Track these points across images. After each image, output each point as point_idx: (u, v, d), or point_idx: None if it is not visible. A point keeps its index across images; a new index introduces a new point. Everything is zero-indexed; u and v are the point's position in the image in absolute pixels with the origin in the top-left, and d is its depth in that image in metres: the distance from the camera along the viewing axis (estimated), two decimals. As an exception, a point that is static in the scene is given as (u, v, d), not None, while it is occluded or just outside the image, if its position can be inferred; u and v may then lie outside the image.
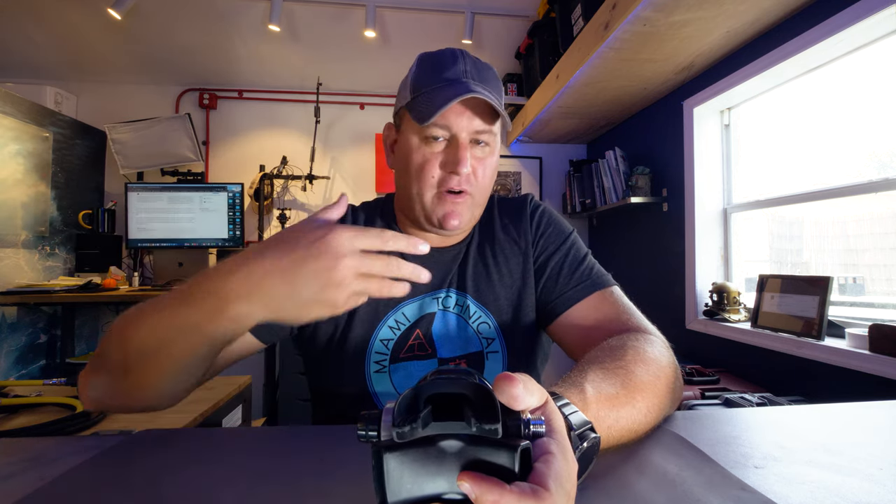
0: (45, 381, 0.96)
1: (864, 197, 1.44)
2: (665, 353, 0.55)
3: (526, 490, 0.25)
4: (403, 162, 0.69)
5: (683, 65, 1.87)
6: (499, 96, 0.68)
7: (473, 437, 0.26)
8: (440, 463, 0.26)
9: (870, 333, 1.25)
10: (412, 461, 0.26)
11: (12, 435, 0.65)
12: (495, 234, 0.76)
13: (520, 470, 0.26)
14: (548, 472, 0.26)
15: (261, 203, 2.73)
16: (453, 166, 0.64)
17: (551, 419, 0.31)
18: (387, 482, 0.26)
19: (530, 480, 0.25)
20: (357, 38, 2.54)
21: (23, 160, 2.13)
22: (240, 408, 1.16)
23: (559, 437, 0.29)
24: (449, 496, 0.26)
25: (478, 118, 0.64)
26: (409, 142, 0.67)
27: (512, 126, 2.99)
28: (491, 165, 0.69)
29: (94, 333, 2.68)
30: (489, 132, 0.66)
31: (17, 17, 2.36)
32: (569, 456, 0.29)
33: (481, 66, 0.68)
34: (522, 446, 0.26)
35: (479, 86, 0.63)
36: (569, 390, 0.42)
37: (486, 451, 0.26)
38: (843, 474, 0.40)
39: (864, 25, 1.30)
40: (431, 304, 0.71)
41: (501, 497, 0.24)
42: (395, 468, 0.26)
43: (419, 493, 0.26)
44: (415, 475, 0.26)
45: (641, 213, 2.44)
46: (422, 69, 0.68)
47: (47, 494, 0.37)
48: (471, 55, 0.69)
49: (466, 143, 0.65)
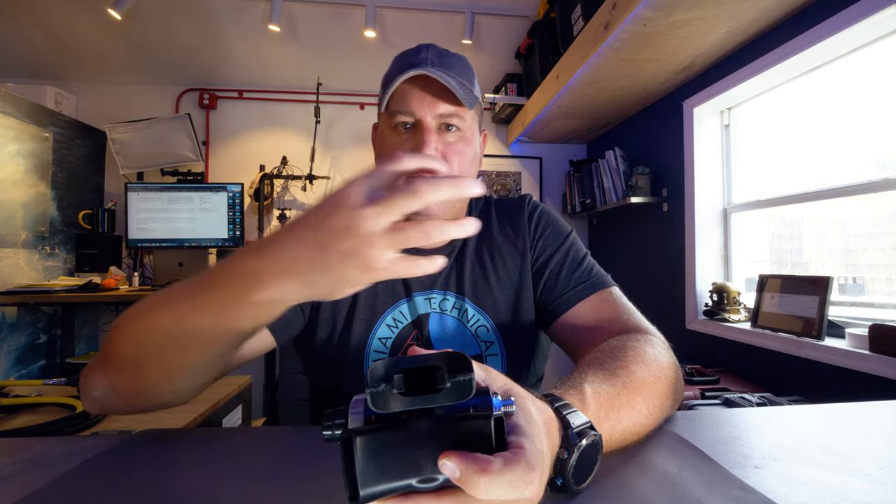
0: (45, 381, 0.96)
1: (864, 197, 1.44)
2: (666, 354, 0.55)
3: (508, 456, 0.25)
4: (378, 153, 0.72)
5: (683, 65, 1.87)
6: (468, 82, 0.67)
7: (445, 417, 0.25)
8: (412, 447, 0.25)
9: (870, 333, 1.25)
10: (383, 447, 0.24)
11: (12, 435, 0.65)
12: (493, 235, 0.76)
13: (496, 441, 0.25)
14: (523, 440, 0.26)
15: (261, 203, 2.73)
16: (419, 149, 0.64)
17: (517, 400, 0.31)
18: (358, 472, 0.24)
19: (509, 449, 0.26)
20: (357, 38, 2.54)
21: (23, 160, 2.13)
22: (240, 408, 1.16)
23: (525, 414, 0.30)
24: (421, 484, 0.24)
25: (442, 102, 0.64)
26: (382, 133, 0.69)
27: (512, 126, 2.99)
28: (466, 153, 0.68)
29: (94, 333, 2.68)
30: (457, 116, 0.65)
31: (17, 17, 2.36)
32: (538, 430, 0.29)
33: (447, 55, 0.68)
34: (496, 415, 0.26)
35: (437, 69, 0.64)
36: (568, 392, 0.42)
37: (461, 426, 0.25)
38: (843, 474, 0.40)
39: (864, 25, 1.30)
40: (424, 305, 0.71)
41: (487, 465, 0.24)
42: (366, 454, 0.24)
43: (392, 483, 0.24)
44: (387, 463, 0.24)
45: (641, 213, 2.44)
46: (392, 64, 0.70)
47: (47, 494, 0.37)
48: (442, 49, 0.69)
49: (432, 127, 0.65)
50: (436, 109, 0.64)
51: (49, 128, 2.30)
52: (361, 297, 0.70)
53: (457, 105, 0.65)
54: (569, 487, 0.34)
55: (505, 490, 0.24)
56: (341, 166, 2.98)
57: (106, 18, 2.28)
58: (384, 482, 0.24)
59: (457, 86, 0.64)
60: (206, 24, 2.50)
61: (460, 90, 0.64)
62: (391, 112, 0.66)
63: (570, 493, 0.35)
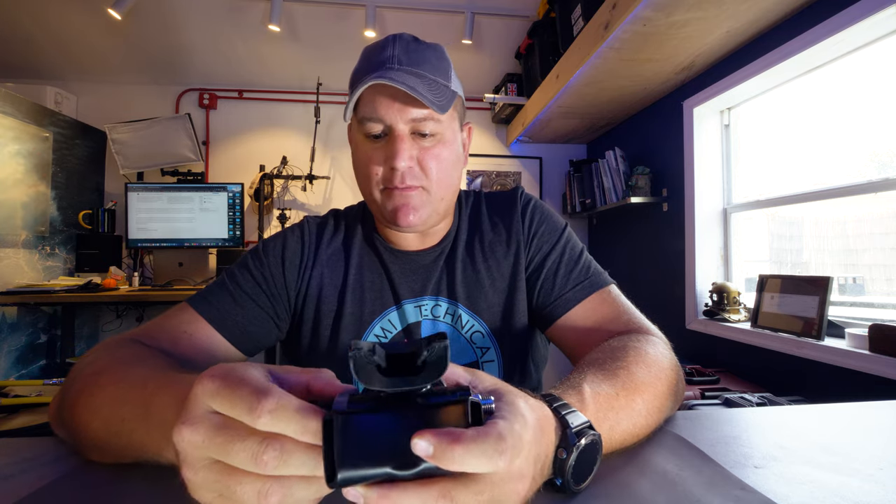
0: (45, 381, 0.96)
1: (864, 197, 1.44)
2: (666, 354, 0.55)
3: (480, 429, 0.25)
4: (354, 162, 0.67)
5: (683, 65, 1.87)
6: (442, 76, 0.62)
7: (423, 405, 0.25)
8: (391, 432, 0.25)
9: (870, 333, 1.25)
10: (362, 430, 0.24)
11: (12, 435, 0.65)
12: (484, 233, 0.73)
13: (472, 424, 0.26)
14: (498, 420, 0.26)
15: (261, 203, 2.73)
16: (391, 161, 0.60)
17: (505, 396, 0.30)
18: (336, 453, 0.24)
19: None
20: (357, 38, 2.54)
21: (23, 160, 2.13)
22: (240, 408, 1.15)
23: (510, 407, 0.29)
24: (399, 471, 0.24)
25: (412, 107, 0.59)
26: (355, 140, 0.65)
27: (512, 126, 2.99)
28: (444, 157, 0.63)
29: (94, 333, 2.68)
30: (431, 119, 0.60)
31: (17, 17, 2.36)
32: (520, 419, 0.28)
33: (416, 49, 0.62)
34: (472, 399, 0.26)
35: (402, 71, 0.59)
36: (567, 392, 0.42)
37: (438, 411, 0.25)
38: (843, 474, 0.40)
39: (864, 25, 1.30)
40: (415, 313, 0.68)
41: (460, 436, 0.24)
42: (345, 435, 0.24)
43: (370, 469, 0.24)
44: (365, 447, 0.24)
45: (641, 213, 2.44)
46: (359, 60, 0.65)
47: (47, 494, 0.37)
48: (411, 39, 0.63)
49: (404, 134, 0.60)
50: (407, 115, 0.59)
51: (49, 128, 2.30)
52: (347, 305, 0.67)
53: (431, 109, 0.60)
54: (568, 487, 0.34)
55: (479, 459, 0.24)
56: (341, 166, 2.98)
57: (106, 18, 2.28)
58: (362, 467, 0.24)
59: (425, 91, 0.58)
60: (206, 24, 2.50)
61: (429, 95, 0.58)
62: (360, 119, 0.61)
63: (569, 492, 0.35)
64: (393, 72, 0.58)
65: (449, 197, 0.67)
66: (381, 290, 0.69)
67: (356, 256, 0.71)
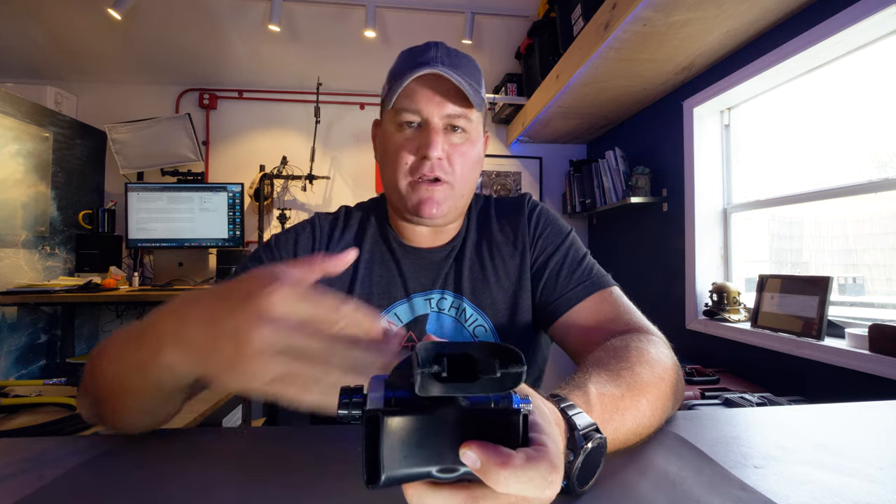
0: (45, 381, 0.96)
1: (864, 197, 1.44)
2: (668, 354, 0.55)
3: (532, 453, 0.24)
4: (381, 151, 0.71)
5: (683, 65, 1.87)
6: (476, 84, 0.67)
7: (471, 408, 0.25)
8: (436, 435, 0.24)
9: (870, 333, 1.25)
10: (409, 431, 0.24)
11: (12, 435, 0.65)
12: (493, 234, 0.75)
13: (522, 437, 0.25)
14: (545, 439, 0.26)
15: (261, 203, 2.73)
16: (424, 150, 0.63)
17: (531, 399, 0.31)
18: (384, 453, 0.23)
19: (531, 446, 0.25)
20: (357, 38, 2.54)
21: (23, 160, 2.13)
22: (240, 408, 1.16)
23: (542, 413, 0.29)
24: (441, 474, 0.24)
25: (449, 102, 0.64)
26: (386, 131, 0.69)
27: (512, 126, 3.00)
28: (470, 155, 0.68)
29: (94, 333, 2.68)
30: (464, 117, 0.65)
31: (17, 17, 2.36)
32: (556, 430, 0.29)
33: (457, 54, 0.68)
34: (524, 411, 0.25)
35: (448, 69, 0.63)
36: (573, 392, 0.42)
37: (487, 418, 0.25)
38: (843, 474, 0.40)
39: (864, 25, 1.30)
40: (424, 306, 0.71)
41: (509, 459, 0.23)
42: (392, 436, 0.23)
43: (414, 469, 0.23)
44: (410, 447, 0.24)
45: (641, 213, 2.44)
46: (398, 60, 0.69)
47: (47, 494, 0.37)
48: (451, 48, 0.68)
49: (439, 127, 0.64)
50: (444, 110, 0.64)
51: (49, 128, 2.30)
52: (354, 298, 0.69)
53: (465, 106, 0.65)
54: (572, 490, 0.34)
55: (525, 486, 0.23)
56: (341, 166, 2.98)
57: (106, 18, 2.28)
58: (406, 467, 0.23)
59: (467, 86, 0.63)
60: (206, 23, 2.50)
61: (470, 91, 0.63)
62: (397, 109, 0.65)
63: (573, 495, 0.35)
64: (439, 67, 0.63)
65: (468, 195, 0.71)
66: (389, 285, 0.71)
67: (367, 252, 0.73)
